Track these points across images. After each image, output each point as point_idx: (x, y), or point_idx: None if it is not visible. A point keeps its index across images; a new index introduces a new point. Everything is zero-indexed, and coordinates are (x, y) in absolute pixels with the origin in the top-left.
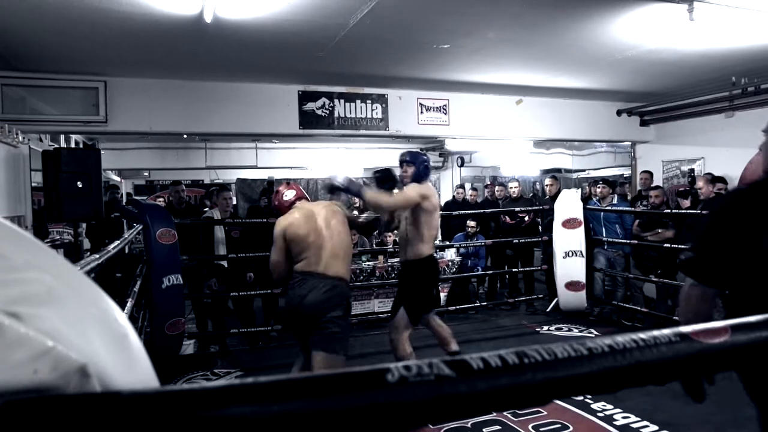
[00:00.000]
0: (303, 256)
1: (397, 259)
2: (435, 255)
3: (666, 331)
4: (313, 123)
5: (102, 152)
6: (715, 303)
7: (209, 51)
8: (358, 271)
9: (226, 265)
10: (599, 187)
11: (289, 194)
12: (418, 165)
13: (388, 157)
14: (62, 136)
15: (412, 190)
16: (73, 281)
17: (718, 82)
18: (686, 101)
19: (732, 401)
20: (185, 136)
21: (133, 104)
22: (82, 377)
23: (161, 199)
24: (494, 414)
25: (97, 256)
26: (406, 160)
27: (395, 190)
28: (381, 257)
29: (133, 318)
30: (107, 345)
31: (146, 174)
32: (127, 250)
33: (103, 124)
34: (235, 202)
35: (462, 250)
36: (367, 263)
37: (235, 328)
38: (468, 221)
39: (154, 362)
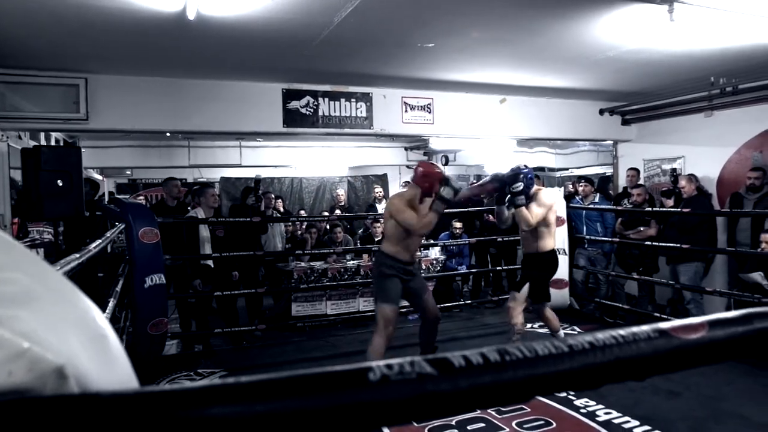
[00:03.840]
0: None
1: None
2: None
3: (645, 328)
4: (297, 121)
5: (83, 150)
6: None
7: (192, 48)
8: (342, 269)
9: (212, 265)
10: (581, 186)
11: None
12: (524, 178)
13: (373, 155)
14: (42, 134)
15: (539, 203)
16: (50, 282)
17: (697, 81)
18: (667, 101)
19: (711, 397)
20: (168, 134)
21: (114, 102)
22: (59, 378)
23: (141, 198)
24: (478, 411)
25: (77, 255)
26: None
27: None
28: (366, 256)
29: (115, 318)
30: (85, 346)
31: (129, 172)
32: (109, 250)
33: (83, 122)
34: (219, 201)
35: (447, 249)
36: (352, 262)
37: (219, 328)
38: (453, 222)
39: (136, 363)
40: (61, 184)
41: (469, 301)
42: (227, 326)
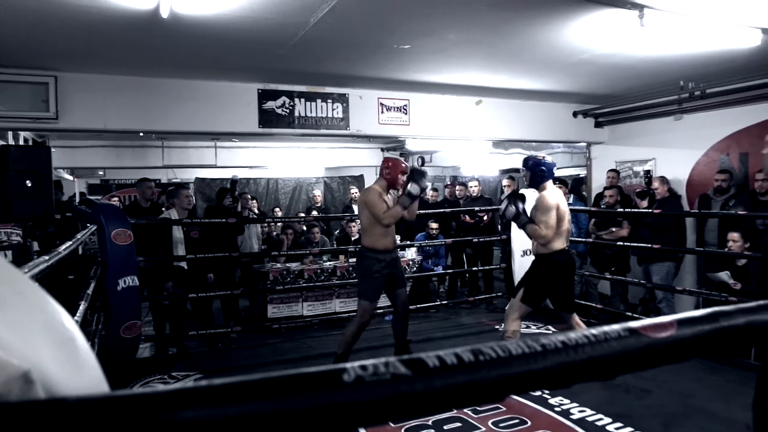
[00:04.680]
0: None
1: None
2: (566, 250)
3: (616, 327)
4: (273, 122)
5: (53, 150)
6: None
7: (166, 47)
8: (319, 270)
9: (185, 267)
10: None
11: None
12: (534, 170)
13: (349, 156)
14: (10, 133)
15: (543, 209)
16: (16, 285)
17: (667, 85)
18: (638, 104)
19: (681, 394)
20: (141, 134)
21: (86, 101)
22: (25, 384)
23: (116, 199)
24: (454, 411)
25: (47, 258)
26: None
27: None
28: (342, 257)
29: (87, 321)
30: (53, 350)
31: (101, 173)
32: (80, 252)
33: (53, 121)
34: (194, 202)
35: (423, 250)
36: (328, 263)
37: (194, 330)
38: (430, 223)
39: (109, 367)
40: (29, 185)
41: (445, 302)
42: (202, 328)
